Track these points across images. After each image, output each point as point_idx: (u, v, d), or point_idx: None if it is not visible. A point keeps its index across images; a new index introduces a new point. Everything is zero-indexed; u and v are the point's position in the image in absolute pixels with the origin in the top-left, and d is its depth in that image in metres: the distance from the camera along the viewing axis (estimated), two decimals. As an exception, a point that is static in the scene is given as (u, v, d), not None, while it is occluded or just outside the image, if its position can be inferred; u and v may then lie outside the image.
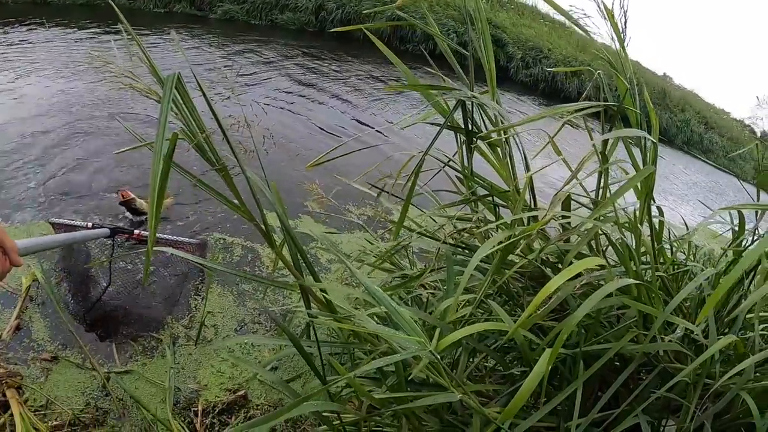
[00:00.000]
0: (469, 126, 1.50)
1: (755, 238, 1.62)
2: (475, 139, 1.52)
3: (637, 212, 1.35)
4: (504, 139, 1.50)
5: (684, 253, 1.79)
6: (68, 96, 5.67)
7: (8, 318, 2.61)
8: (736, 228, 1.60)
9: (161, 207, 0.98)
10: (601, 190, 1.44)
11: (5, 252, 1.01)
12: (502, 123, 1.45)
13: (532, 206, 1.50)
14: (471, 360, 1.54)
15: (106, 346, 2.59)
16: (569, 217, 1.30)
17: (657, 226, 1.45)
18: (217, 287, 3.06)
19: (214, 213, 3.83)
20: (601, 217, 1.26)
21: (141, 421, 2.21)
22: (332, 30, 1.50)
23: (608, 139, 1.31)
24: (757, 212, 1.55)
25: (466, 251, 1.65)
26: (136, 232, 2.76)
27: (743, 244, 1.61)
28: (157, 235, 2.91)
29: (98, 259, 2.75)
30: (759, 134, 26.21)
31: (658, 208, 1.53)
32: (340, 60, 10.02)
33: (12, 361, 2.44)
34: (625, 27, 1.30)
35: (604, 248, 1.47)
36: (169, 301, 2.86)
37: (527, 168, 1.50)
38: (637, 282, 1.16)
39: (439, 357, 0.95)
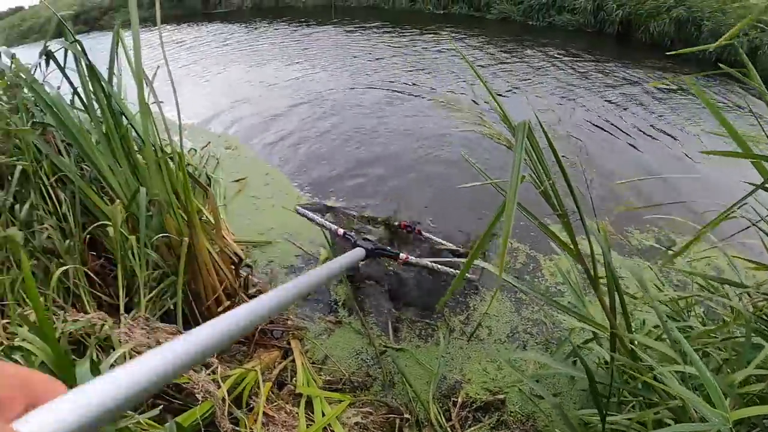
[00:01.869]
0: None
1: None
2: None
3: None
4: None
5: None
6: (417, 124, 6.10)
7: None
8: None
9: (484, 245, 1.03)
10: None
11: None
12: None
13: None
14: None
15: (384, 321, 2.87)
16: None
17: None
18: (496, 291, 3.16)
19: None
20: None
21: (402, 396, 2.39)
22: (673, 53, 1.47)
23: None
24: None
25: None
26: (402, 256, 2.74)
27: None
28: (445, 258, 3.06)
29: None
30: None
31: None
32: (625, 67, 8.92)
33: (300, 317, 2.85)
34: None
35: None
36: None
37: None
38: None
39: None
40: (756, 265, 1.68)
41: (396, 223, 3.37)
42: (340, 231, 2.84)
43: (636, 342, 1.45)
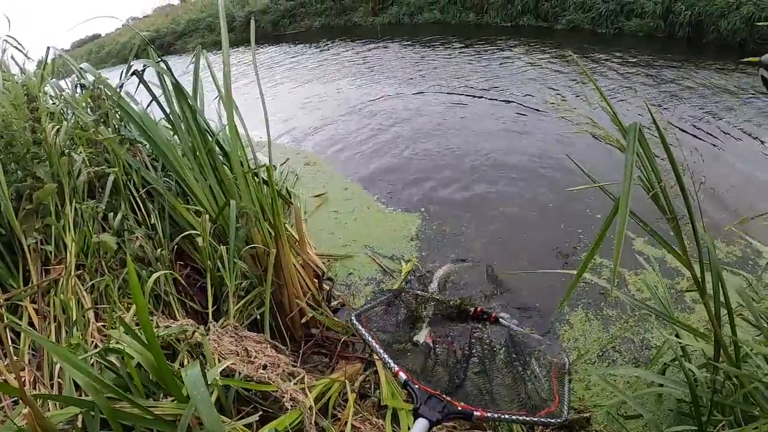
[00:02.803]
0: None
1: None
2: None
3: None
4: None
5: None
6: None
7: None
8: None
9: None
10: None
11: None
12: None
13: None
14: None
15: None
16: None
17: None
18: (581, 311, 3.04)
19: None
20: None
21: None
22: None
23: None
24: None
25: None
26: (477, 414, 1.95)
27: None
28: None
29: None
30: None
31: None
32: (703, 69, 8.49)
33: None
34: None
35: None
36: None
37: None
38: None
39: None
40: None
41: (471, 309, 2.81)
42: (402, 375, 2.09)
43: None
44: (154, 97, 2.68)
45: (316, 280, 2.70)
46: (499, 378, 2.31)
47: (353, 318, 2.43)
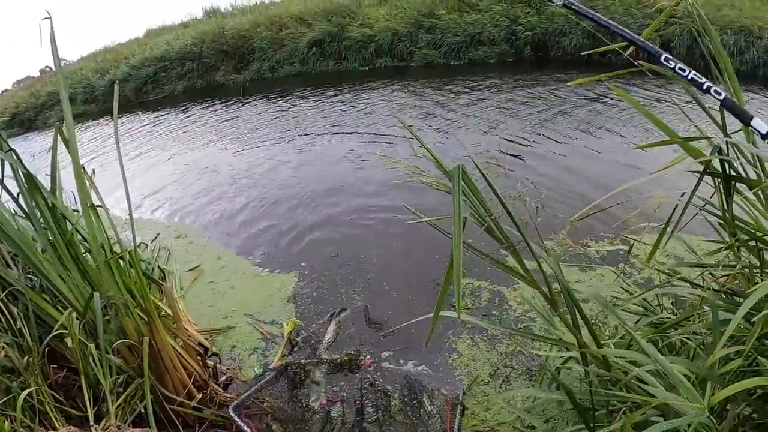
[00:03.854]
0: (727, 170, 1.47)
1: None
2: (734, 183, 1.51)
3: None
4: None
5: None
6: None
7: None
8: None
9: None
10: None
11: None
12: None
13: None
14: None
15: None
16: None
17: None
18: (466, 337, 3.15)
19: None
20: None
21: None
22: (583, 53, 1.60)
23: None
24: None
25: (728, 298, 1.63)
26: None
27: None
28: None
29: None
30: None
31: None
32: (543, 85, 9.53)
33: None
34: None
35: None
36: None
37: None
38: None
39: (715, 422, 0.96)
40: (711, 241, 1.84)
41: (361, 360, 2.96)
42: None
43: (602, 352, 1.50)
44: (7, 191, 2.50)
45: (199, 358, 2.62)
46: (393, 426, 2.42)
47: (231, 411, 2.39)
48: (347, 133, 8.21)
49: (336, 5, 14.78)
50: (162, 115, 13.28)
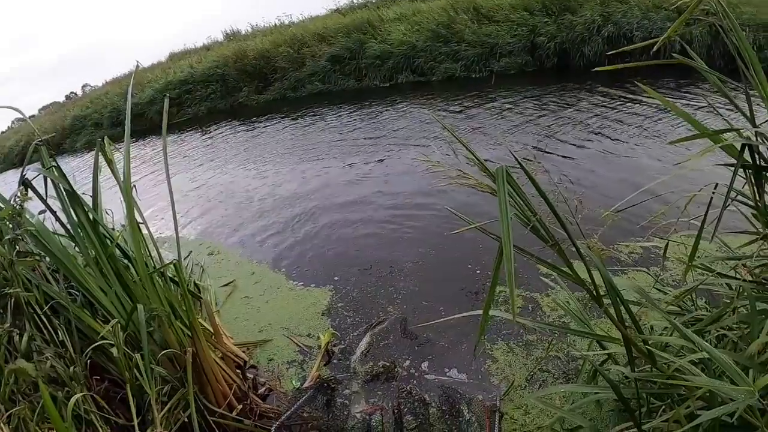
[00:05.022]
0: (758, 160, 1.49)
1: None
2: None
3: None
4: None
5: None
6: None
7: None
8: None
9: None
10: None
11: None
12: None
13: None
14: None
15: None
16: None
17: None
18: (501, 343, 3.15)
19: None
20: None
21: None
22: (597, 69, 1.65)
23: None
24: None
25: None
26: None
27: None
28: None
29: None
30: None
31: None
32: (568, 94, 9.50)
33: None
34: None
35: None
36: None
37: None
38: None
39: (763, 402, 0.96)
40: (742, 233, 1.80)
41: (397, 371, 3.05)
42: None
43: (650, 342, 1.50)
44: (49, 208, 2.56)
45: (239, 371, 2.65)
46: None
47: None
48: (371, 147, 8.29)
49: (356, 21, 15.02)
50: (188, 136, 13.57)
